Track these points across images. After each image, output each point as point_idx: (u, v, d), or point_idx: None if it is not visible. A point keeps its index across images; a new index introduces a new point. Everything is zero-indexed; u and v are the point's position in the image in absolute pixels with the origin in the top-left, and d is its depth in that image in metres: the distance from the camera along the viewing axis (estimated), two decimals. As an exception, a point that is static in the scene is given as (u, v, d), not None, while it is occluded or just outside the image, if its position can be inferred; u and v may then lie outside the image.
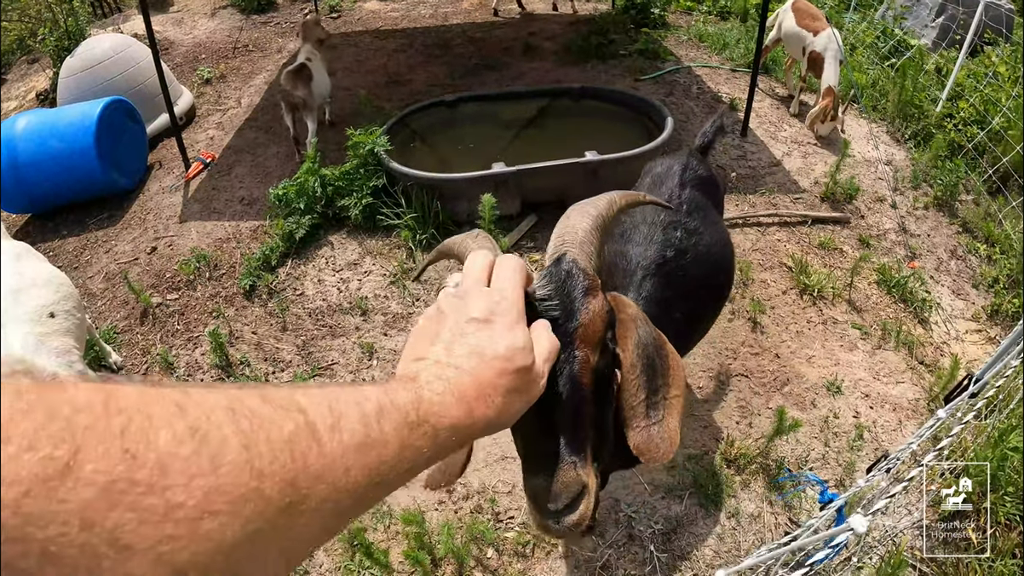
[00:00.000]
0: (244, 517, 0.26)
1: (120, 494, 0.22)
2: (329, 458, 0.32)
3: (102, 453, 0.23)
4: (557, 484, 0.59)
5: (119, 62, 4.12)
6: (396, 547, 1.98)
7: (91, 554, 0.22)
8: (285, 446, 0.29)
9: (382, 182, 3.09)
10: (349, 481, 0.33)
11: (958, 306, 2.90)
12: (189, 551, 0.24)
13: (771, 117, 4.00)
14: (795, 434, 2.20)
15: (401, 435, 0.37)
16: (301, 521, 0.30)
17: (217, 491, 0.25)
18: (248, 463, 0.27)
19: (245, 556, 0.27)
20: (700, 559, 1.94)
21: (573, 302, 0.62)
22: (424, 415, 0.40)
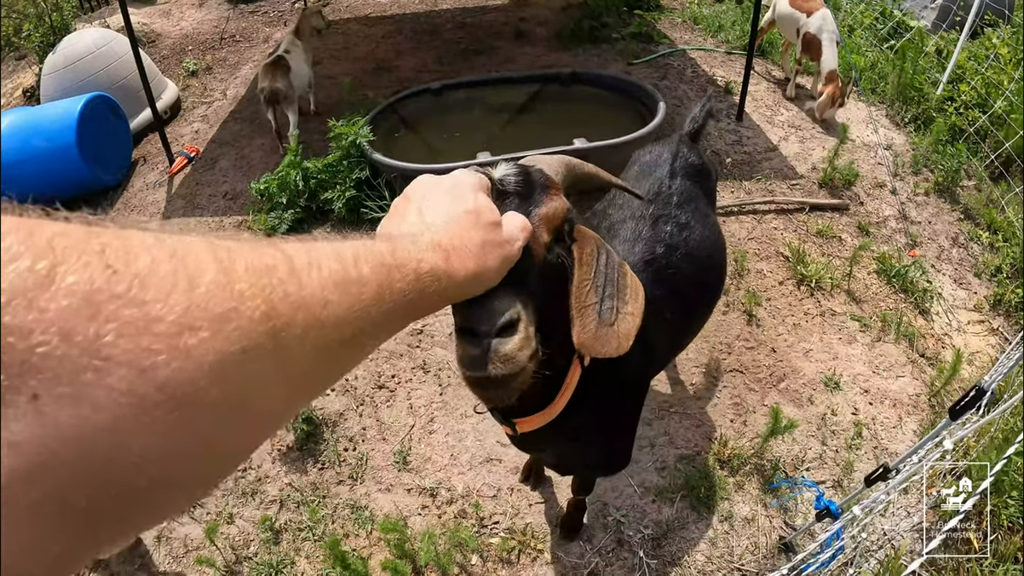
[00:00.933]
0: (225, 336, 0.25)
1: (100, 304, 0.22)
2: (307, 289, 0.31)
3: (82, 265, 0.22)
4: (489, 306, 0.60)
5: (101, 57, 3.96)
6: (379, 553, 1.88)
7: (72, 365, 0.21)
8: (264, 273, 0.29)
9: (365, 174, 2.95)
10: (329, 314, 0.32)
11: (960, 296, 2.76)
12: (171, 366, 0.23)
13: (767, 101, 3.82)
14: (791, 433, 2.08)
15: (379, 276, 0.37)
16: (289, 349, 0.29)
17: (196, 307, 0.25)
18: (227, 285, 0.27)
19: (238, 381, 0.26)
20: (692, 565, 1.83)
21: (535, 190, 0.70)
22: (401, 260, 0.40)
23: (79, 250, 0.22)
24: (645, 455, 2.07)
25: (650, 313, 1.33)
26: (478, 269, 0.49)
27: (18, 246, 0.21)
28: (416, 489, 2.04)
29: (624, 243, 1.43)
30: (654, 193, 1.53)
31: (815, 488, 1.99)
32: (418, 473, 2.08)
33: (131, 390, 0.22)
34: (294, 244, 0.34)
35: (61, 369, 0.21)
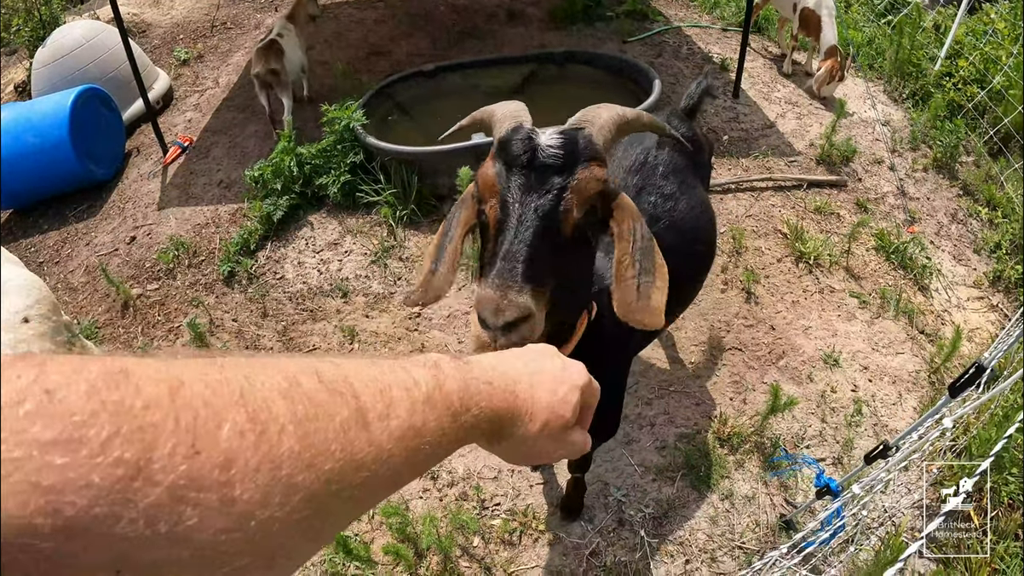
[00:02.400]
0: (292, 507, 0.27)
1: (184, 490, 0.23)
2: (375, 447, 0.32)
3: (170, 451, 0.23)
4: (505, 300, 0.61)
5: (91, 49, 3.85)
6: (381, 538, 1.85)
7: (148, 544, 0.22)
8: (336, 436, 0.30)
9: (360, 158, 2.87)
10: (389, 467, 0.33)
11: (959, 272, 2.71)
12: (238, 541, 0.25)
13: (764, 77, 3.73)
14: (791, 411, 2.04)
15: (443, 423, 0.37)
16: (339, 506, 0.30)
17: (273, 485, 0.26)
18: (302, 456, 0.28)
19: (284, 542, 0.27)
20: (693, 543, 1.80)
21: (577, 159, 0.69)
22: (467, 403, 0.39)
23: (167, 432, 0.23)
24: (645, 434, 2.04)
25: None
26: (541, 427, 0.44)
27: (110, 436, 0.22)
28: (417, 473, 2.00)
29: None
30: (639, 163, 1.49)
31: (815, 466, 1.96)
32: (418, 457, 2.04)
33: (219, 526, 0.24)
34: (370, 381, 0.33)
35: (137, 550, 0.22)
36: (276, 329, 2.56)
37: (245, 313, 2.65)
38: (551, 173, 0.68)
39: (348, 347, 2.45)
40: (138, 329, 2.68)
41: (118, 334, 2.69)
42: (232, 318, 2.65)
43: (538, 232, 0.66)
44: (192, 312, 2.66)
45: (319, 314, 2.58)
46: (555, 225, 0.68)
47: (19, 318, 1.95)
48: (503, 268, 0.64)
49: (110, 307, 2.81)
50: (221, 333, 2.59)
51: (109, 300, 2.83)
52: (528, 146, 0.71)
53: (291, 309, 2.63)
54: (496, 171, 0.72)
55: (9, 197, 3.36)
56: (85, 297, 2.90)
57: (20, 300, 1.98)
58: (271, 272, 2.79)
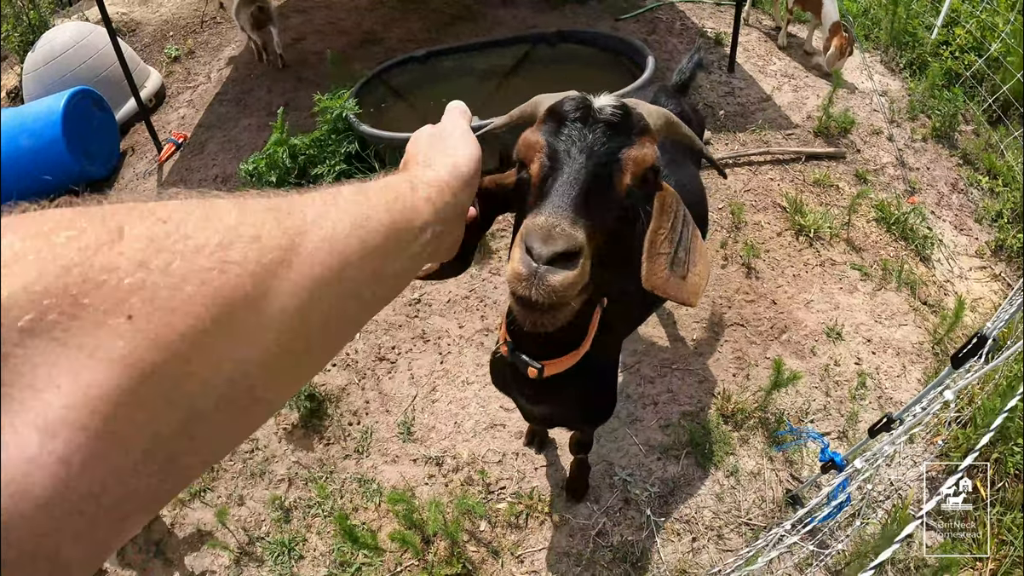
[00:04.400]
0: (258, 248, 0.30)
1: (161, 241, 0.26)
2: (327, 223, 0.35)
3: (139, 221, 0.27)
4: (558, 228, 0.56)
5: (80, 51, 3.77)
6: (388, 525, 1.83)
7: (152, 285, 0.25)
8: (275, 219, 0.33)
9: (354, 147, 2.80)
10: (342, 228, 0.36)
11: (961, 242, 2.64)
12: (220, 279, 0.28)
13: (759, 51, 3.62)
14: (795, 385, 2.00)
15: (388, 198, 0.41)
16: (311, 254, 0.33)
17: (230, 232, 0.29)
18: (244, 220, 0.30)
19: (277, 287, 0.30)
20: (699, 521, 1.77)
21: (632, 128, 0.66)
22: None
23: (133, 213, 0.27)
24: (649, 413, 2.00)
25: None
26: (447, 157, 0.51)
27: (84, 221, 0.25)
28: (422, 459, 1.97)
29: None
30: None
31: (820, 440, 1.91)
32: (423, 443, 2.01)
33: (197, 298, 0.26)
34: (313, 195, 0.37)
35: (144, 290, 0.25)
36: (277, 321, 2.51)
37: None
38: (607, 131, 0.64)
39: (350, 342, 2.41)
40: (140, 326, 2.65)
41: (121, 332, 2.66)
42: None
43: (592, 178, 0.62)
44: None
45: (319, 305, 2.53)
46: (608, 179, 0.64)
47: None
48: (556, 201, 0.58)
49: (25, 207, 2.77)
50: (223, 327, 2.55)
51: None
52: (583, 104, 0.67)
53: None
54: (543, 132, 0.67)
55: (6, 200, 3.31)
56: (87, 296, 2.86)
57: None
58: (270, 265, 2.74)
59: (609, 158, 0.64)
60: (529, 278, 0.55)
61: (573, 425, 1.52)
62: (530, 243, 0.55)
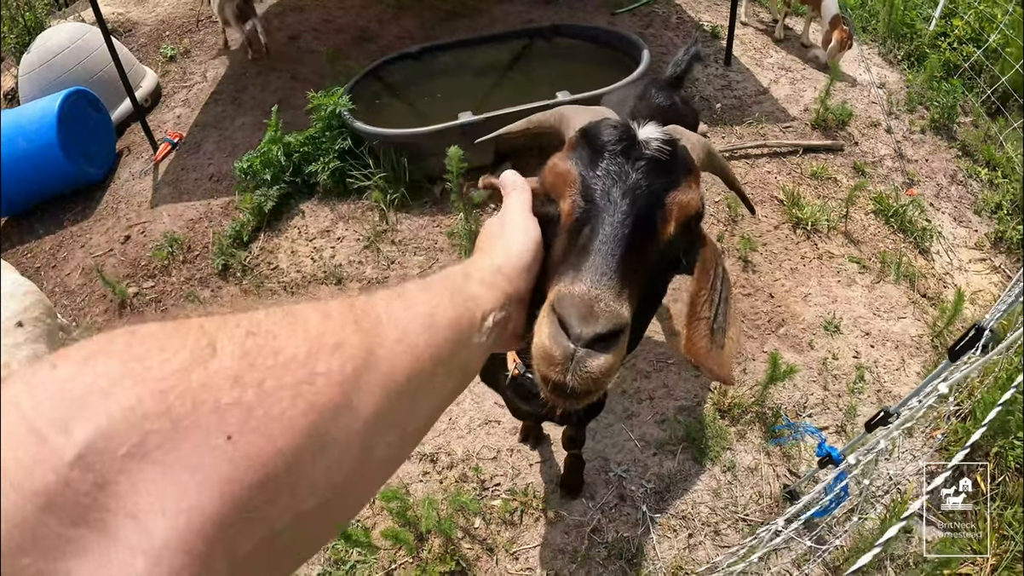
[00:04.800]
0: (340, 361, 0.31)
1: (253, 356, 0.27)
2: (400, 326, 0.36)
3: (230, 335, 0.28)
4: (601, 303, 0.47)
5: (76, 52, 3.74)
6: (382, 523, 1.81)
7: (247, 405, 0.26)
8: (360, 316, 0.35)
9: (348, 144, 2.78)
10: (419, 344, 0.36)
11: (960, 234, 2.61)
12: (311, 390, 0.28)
13: (755, 44, 3.59)
14: (792, 379, 1.97)
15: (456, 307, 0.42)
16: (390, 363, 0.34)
17: (316, 343, 0.30)
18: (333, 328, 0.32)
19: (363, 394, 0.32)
20: (696, 517, 1.75)
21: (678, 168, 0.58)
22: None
23: (224, 327, 0.28)
24: (644, 408, 1.97)
25: None
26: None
27: (177, 340, 0.27)
28: (416, 456, 1.95)
29: None
30: None
31: (817, 435, 1.89)
32: (417, 441, 1.98)
33: (291, 412, 0.27)
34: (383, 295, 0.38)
35: (240, 408, 0.26)
36: (272, 320, 2.50)
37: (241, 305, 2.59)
38: (653, 169, 0.56)
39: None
40: (136, 327, 2.63)
41: (116, 333, 2.64)
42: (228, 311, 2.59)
43: (637, 231, 0.53)
44: (188, 307, 2.60)
45: (314, 303, 2.51)
46: (653, 230, 0.55)
47: (13, 323, 1.91)
48: (598, 264, 0.49)
49: (108, 307, 2.75)
50: (218, 326, 2.53)
51: (106, 300, 2.77)
52: (626, 134, 0.58)
53: (286, 299, 2.55)
54: (576, 160, 0.58)
55: (3, 203, 3.29)
56: (83, 299, 2.84)
57: (13, 305, 1.95)
58: (265, 263, 2.71)
59: (654, 203, 0.56)
60: (564, 362, 0.46)
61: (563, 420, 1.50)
62: (567, 318, 0.46)
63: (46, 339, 1.98)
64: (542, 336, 0.47)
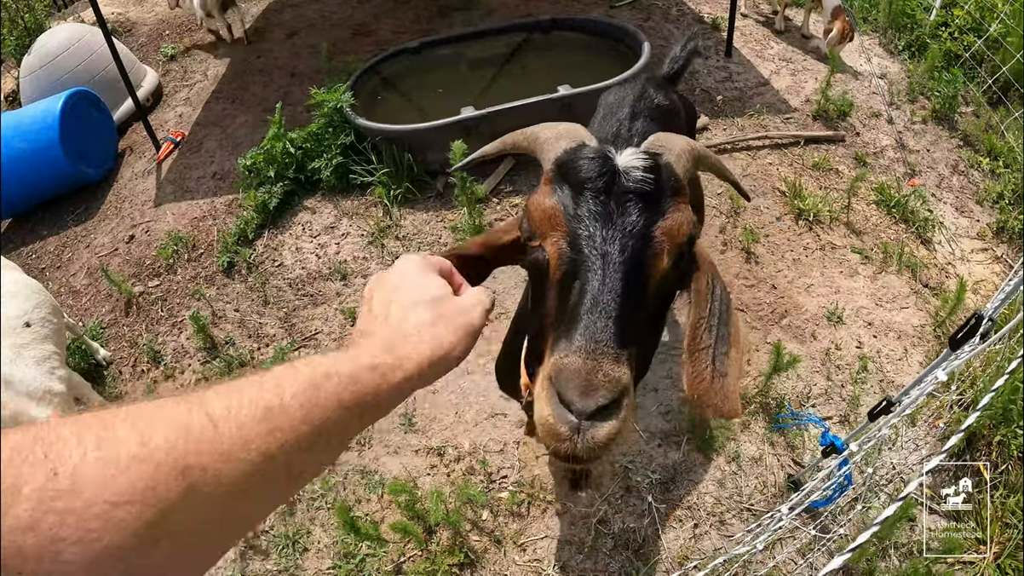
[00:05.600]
0: (148, 503, 0.30)
1: (51, 502, 0.27)
2: (225, 436, 0.33)
3: (34, 475, 0.28)
4: (600, 374, 0.44)
5: (76, 53, 3.72)
6: (390, 516, 1.81)
7: (39, 551, 0.27)
8: (181, 433, 0.32)
9: (351, 139, 2.77)
10: (255, 450, 0.34)
11: (962, 224, 2.60)
12: (110, 537, 0.28)
13: (756, 35, 3.56)
14: (795, 369, 1.97)
15: (306, 396, 0.38)
16: (207, 493, 0.32)
17: (122, 485, 0.29)
18: (147, 457, 0.31)
19: (165, 530, 0.30)
20: (701, 507, 1.75)
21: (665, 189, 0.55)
22: (329, 371, 0.40)
23: (31, 463, 0.28)
24: (649, 399, 1.97)
25: None
26: (433, 353, 0.44)
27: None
28: (423, 449, 1.95)
29: None
30: (613, 135, 1.39)
31: (820, 424, 1.89)
32: (424, 433, 1.99)
33: (83, 561, 0.28)
34: (215, 392, 0.36)
35: (32, 555, 0.27)
36: (278, 316, 2.49)
37: (246, 302, 2.59)
38: (637, 203, 0.53)
39: (350, 329, 2.38)
40: (142, 326, 2.63)
41: (123, 333, 2.64)
42: (234, 308, 2.58)
43: (628, 281, 0.51)
44: (194, 305, 2.60)
45: (319, 298, 2.51)
46: (643, 273, 0.53)
47: (20, 323, 1.91)
48: (592, 327, 0.47)
49: (114, 307, 2.75)
50: (224, 324, 2.53)
51: (112, 300, 2.77)
52: (605, 167, 0.55)
53: (291, 295, 2.56)
54: (558, 199, 0.55)
55: (5, 205, 3.28)
56: (88, 299, 2.84)
57: (20, 305, 1.95)
58: (270, 260, 2.71)
59: (644, 242, 0.53)
60: (571, 436, 0.44)
61: None
62: (565, 393, 0.45)
63: (53, 339, 1.98)
64: (544, 413, 0.46)
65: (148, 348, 2.45)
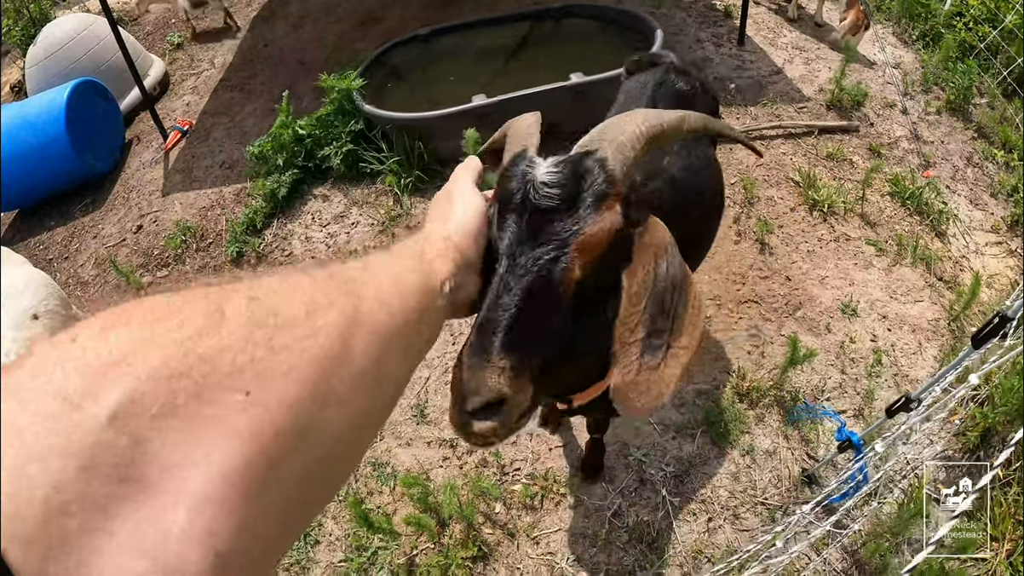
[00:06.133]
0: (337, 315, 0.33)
1: (259, 319, 0.29)
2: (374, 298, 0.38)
3: (235, 302, 0.29)
4: (472, 383, 0.51)
5: (82, 42, 3.64)
6: (403, 509, 1.78)
7: (261, 361, 0.27)
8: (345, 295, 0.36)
9: (360, 127, 2.70)
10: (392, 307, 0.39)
11: (976, 217, 2.53)
12: (315, 344, 0.30)
13: (768, 23, 3.46)
14: (810, 363, 1.91)
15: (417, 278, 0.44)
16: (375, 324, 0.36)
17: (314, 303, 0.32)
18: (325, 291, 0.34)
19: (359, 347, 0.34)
20: (715, 500, 1.71)
21: (581, 204, 0.53)
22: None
23: (228, 294, 0.30)
24: (662, 394, 1.92)
25: None
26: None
27: (187, 306, 0.28)
28: (436, 441, 1.91)
29: None
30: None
31: (836, 419, 1.84)
32: (436, 425, 1.95)
33: (300, 365, 0.29)
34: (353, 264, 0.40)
35: (254, 365, 0.27)
36: (287, 306, 2.45)
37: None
38: (546, 219, 0.52)
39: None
40: (152, 315, 2.58)
41: (132, 322, 2.60)
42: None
43: (525, 296, 0.51)
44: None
45: (328, 289, 2.46)
46: (550, 287, 0.52)
47: (29, 315, 1.87)
48: (476, 342, 0.51)
49: (122, 298, 2.68)
50: (233, 313, 2.48)
51: (121, 291, 2.72)
52: (521, 183, 0.54)
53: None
54: (491, 212, 0.55)
55: (11, 198, 3.23)
56: (96, 290, 2.79)
57: (29, 297, 1.90)
58: (279, 249, 2.66)
59: (550, 261, 0.52)
60: (462, 427, 0.51)
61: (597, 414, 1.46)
62: (455, 397, 0.52)
63: (62, 330, 1.94)
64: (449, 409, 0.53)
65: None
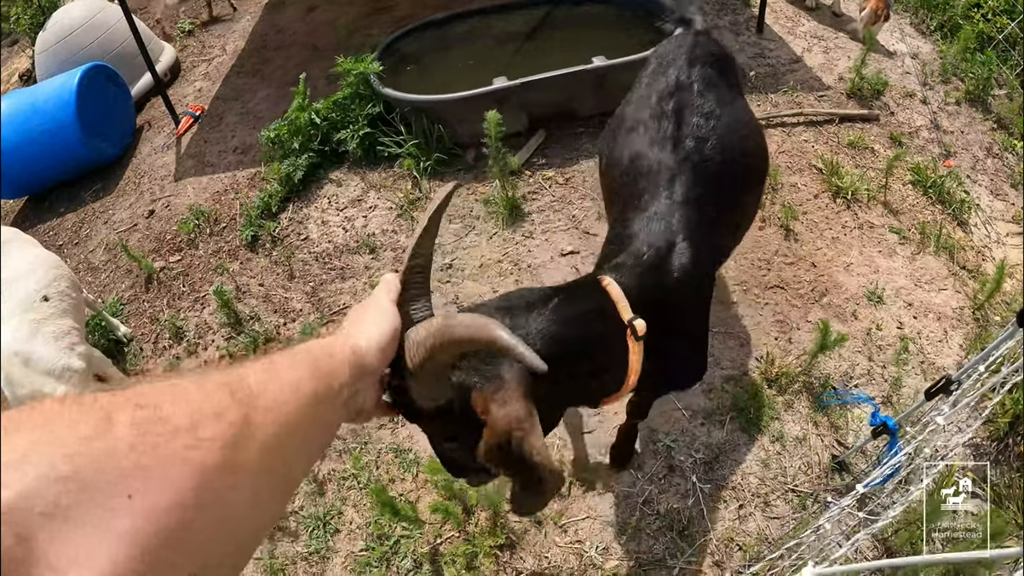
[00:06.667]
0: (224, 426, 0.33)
1: (147, 425, 0.29)
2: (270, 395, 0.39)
3: (122, 409, 0.30)
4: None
5: (92, 28, 3.54)
6: (426, 496, 1.72)
7: (144, 467, 0.28)
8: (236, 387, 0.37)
9: (378, 110, 2.62)
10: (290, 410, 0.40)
11: (997, 207, 2.47)
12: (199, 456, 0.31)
13: (787, 11, 3.38)
14: (838, 349, 1.85)
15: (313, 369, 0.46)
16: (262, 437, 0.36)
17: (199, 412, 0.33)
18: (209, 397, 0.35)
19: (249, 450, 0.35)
20: (745, 487, 1.65)
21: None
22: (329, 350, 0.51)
23: (116, 401, 0.30)
24: (690, 380, 1.86)
25: (697, 215, 1.12)
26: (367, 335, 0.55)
27: (76, 412, 0.28)
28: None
29: (653, 145, 1.22)
30: (674, 85, 1.30)
31: (870, 403, 1.78)
32: (458, 411, 1.88)
33: (183, 473, 0.29)
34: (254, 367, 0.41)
35: (139, 471, 0.28)
36: (304, 291, 2.37)
37: (271, 277, 2.46)
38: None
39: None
40: (164, 302, 2.51)
41: (143, 309, 2.52)
42: (259, 283, 2.46)
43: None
44: (217, 280, 2.48)
45: (347, 272, 2.39)
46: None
47: (39, 296, 1.80)
48: None
49: (134, 283, 2.62)
50: (248, 299, 2.41)
51: (132, 276, 2.64)
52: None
53: (318, 269, 2.43)
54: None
55: (21, 184, 3.14)
56: (107, 275, 2.72)
57: (38, 279, 1.83)
58: (295, 233, 2.58)
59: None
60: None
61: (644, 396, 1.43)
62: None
63: (72, 313, 1.86)
64: None
65: (170, 324, 2.34)
